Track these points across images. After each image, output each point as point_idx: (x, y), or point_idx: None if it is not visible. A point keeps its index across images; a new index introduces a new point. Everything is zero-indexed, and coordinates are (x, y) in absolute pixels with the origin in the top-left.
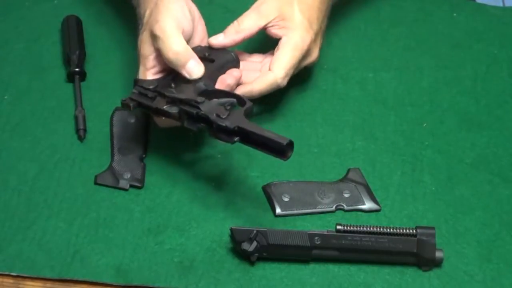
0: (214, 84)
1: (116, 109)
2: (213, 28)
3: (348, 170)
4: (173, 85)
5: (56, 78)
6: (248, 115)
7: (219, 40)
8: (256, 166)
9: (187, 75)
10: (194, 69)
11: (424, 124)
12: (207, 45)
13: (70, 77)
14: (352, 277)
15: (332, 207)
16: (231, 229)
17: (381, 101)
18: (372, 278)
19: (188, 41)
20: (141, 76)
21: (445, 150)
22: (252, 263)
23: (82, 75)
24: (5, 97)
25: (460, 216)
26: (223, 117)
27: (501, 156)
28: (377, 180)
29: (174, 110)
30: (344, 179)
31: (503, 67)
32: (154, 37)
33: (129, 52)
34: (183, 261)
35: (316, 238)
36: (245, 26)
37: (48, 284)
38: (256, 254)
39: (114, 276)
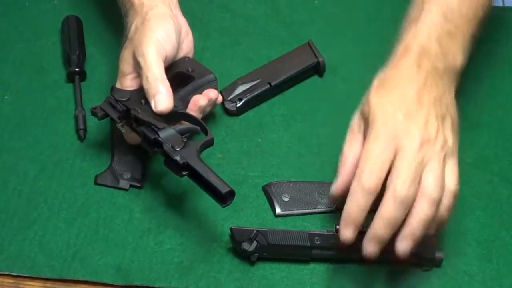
0: (188, 102)
1: None
2: (213, 28)
3: None
4: (143, 101)
5: (56, 78)
6: (207, 147)
7: (336, 189)
8: (256, 166)
9: (152, 106)
10: (161, 102)
11: None
12: (193, 58)
13: (70, 77)
14: (352, 277)
15: (332, 207)
16: (231, 229)
17: None
18: (372, 277)
19: (172, 59)
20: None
21: None
22: (252, 263)
23: (82, 75)
24: (5, 97)
25: (460, 216)
26: (177, 148)
27: (501, 156)
28: None
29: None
30: None
31: (503, 67)
32: (135, 61)
33: None
34: (183, 261)
35: (316, 238)
36: (350, 159)
37: (48, 284)
38: (256, 254)
39: (114, 276)
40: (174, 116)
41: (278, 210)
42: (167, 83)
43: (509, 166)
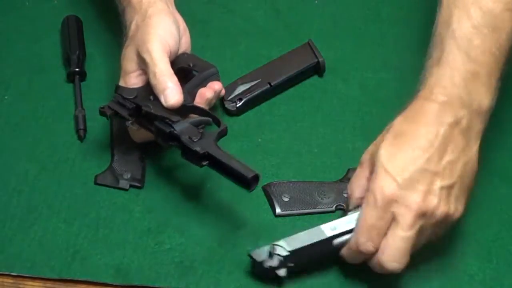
0: (194, 96)
1: None
2: (213, 28)
3: (348, 170)
4: (151, 97)
5: (56, 78)
6: (222, 137)
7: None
8: (256, 166)
9: (163, 101)
10: (171, 96)
11: None
12: (192, 53)
13: (70, 77)
14: (352, 277)
15: (332, 207)
16: (249, 255)
17: (381, 101)
18: (372, 278)
19: (175, 54)
20: None
21: None
22: (281, 283)
23: (82, 75)
24: (5, 97)
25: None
26: (195, 140)
27: (501, 156)
28: None
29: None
30: (344, 179)
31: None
32: (140, 58)
33: None
34: (183, 261)
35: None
36: (358, 194)
37: (48, 284)
38: (284, 269)
39: (114, 276)
40: (184, 110)
41: (278, 210)
42: (175, 77)
43: (509, 166)
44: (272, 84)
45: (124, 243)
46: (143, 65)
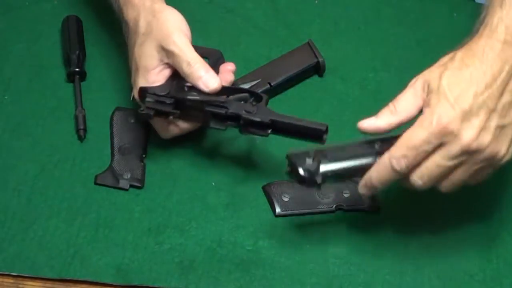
0: None
1: (116, 109)
2: (213, 28)
3: None
4: (185, 88)
5: (56, 78)
6: (267, 104)
7: (371, 123)
8: (256, 166)
9: (203, 87)
10: (210, 81)
11: None
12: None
13: (70, 77)
14: (352, 277)
15: (332, 207)
16: (288, 155)
17: (381, 101)
18: (372, 278)
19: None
20: (138, 86)
21: None
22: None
23: (82, 75)
24: (5, 97)
25: (460, 216)
26: (254, 112)
27: None
28: None
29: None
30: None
31: None
32: (164, 52)
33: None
34: (183, 261)
35: (376, 143)
36: (401, 108)
37: (48, 284)
38: (320, 175)
39: (114, 276)
40: (220, 93)
41: (278, 210)
42: (206, 63)
43: (509, 166)
44: (272, 84)
45: (124, 243)
46: (168, 59)
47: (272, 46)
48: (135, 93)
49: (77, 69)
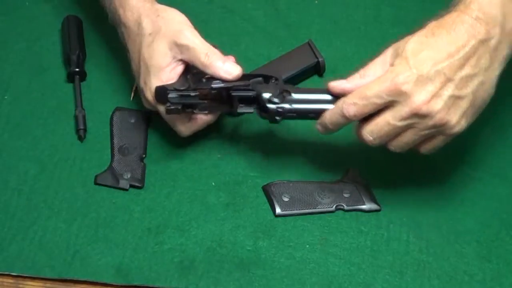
0: None
1: (116, 109)
2: (213, 28)
3: (348, 170)
4: (203, 79)
5: (56, 78)
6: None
7: (339, 83)
8: (256, 166)
9: (225, 75)
10: (232, 68)
11: None
12: None
13: (70, 77)
14: (352, 277)
15: (332, 207)
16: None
17: None
18: (372, 278)
19: None
20: (155, 86)
21: (445, 150)
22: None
23: (82, 75)
24: (5, 97)
25: (460, 216)
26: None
27: (501, 156)
28: (377, 180)
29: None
30: (344, 179)
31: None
32: (178, 49)
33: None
34: (183, 261)
35: None
36: (370, 72)
37: (48, 284)
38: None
39: (114, 276)
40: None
41: (278, 210)
42: (221, 53)
43: (509, 166)
44: None
45: (124, 243)
46: (182, 54)
47: (272, 46)
48: (148, 94)
49: (77, 69)
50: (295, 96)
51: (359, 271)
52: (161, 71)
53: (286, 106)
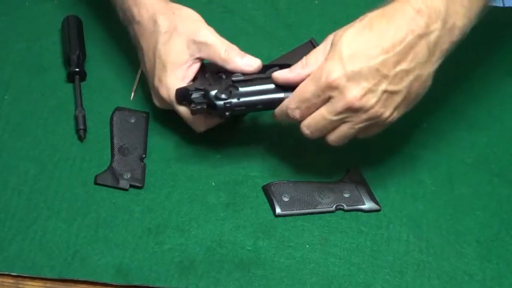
0: None
1: (116, 109)
2: (213, 28)
3: (348, 170)
4: (224, 76)
5: (56, 78)
6: None
7: (282, 73)
8: (256, 166)
9: (246, 68)
10: (252, 60)
11: (424, 124)
12: None
13: (70, 77)
14: (352, 277)
15: (332, 207)
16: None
17: None
18: (372, 278)
19: None
20: (172, 86)
21: (445, 150)
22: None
23: (82, 75)
24: (5, 97)
25: (460, 216)
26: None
27: (501, 156)
28: (377, 180)
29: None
30: (344, 179)
31: (502, 67)
32: (196, 46)
33: (129, 52)
34: (183, 261)
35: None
36: (312, 61)
37: (48, 284)
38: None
39: (114, 276)
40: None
41: (278, 210)
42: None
43: (509, 166)
44: None
45: (124, 243)
46: (201, 52)
47: (272, 46)
48: (164, 91)
49: (77, 69)
50: (242, 89)
51: (359, 271)
52: (178, 68)
53: (234, 100)
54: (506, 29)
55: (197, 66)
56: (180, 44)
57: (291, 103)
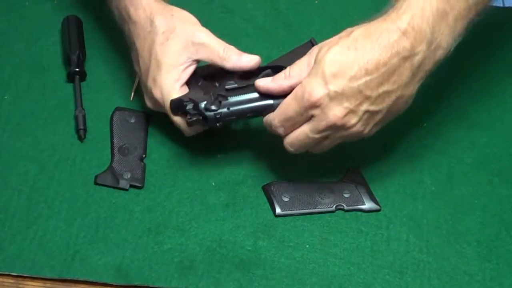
0: None
1: (116, 109)
2: (212, 28)
3: (348, 170)
4: (216, 84)
5: (56, 78)
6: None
7: (265, 83)
8: (256, 166)
9: (246, 64)
10: (251, 56)
11: (424, 124)
12: None
13: (70, 77)
14: (352, 277)
15: (332, 207)
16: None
17: None
18: (372, 278)
19: None
20: (167, 87)
21: (444, 150)
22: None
23: (82, 75)
24: (5, 97)
25: (460, 216)
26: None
27: (501, 156)
28: (377, 180)
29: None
30: (344, 179)
31: (503, 67)
32: (194, 47)
33: (129, 53)
34: (183, 261)
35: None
36: (294, 73)
37: (48, 284)
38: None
39: (114, 276)
40: (249, 74)
41: (278, 210)
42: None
43: (509, 166)
44: None
45: (124, 243)
46: (199, 54)
47: (272, 46)
48: (157, 92)
49: (77, 69)
50: (231, 99)
51: (359, 271)
52: (174, 69)
53: (224, 110)
54: (506, 29)
55: (192, 68)
56: (177, 45)
57: (275, 119)
